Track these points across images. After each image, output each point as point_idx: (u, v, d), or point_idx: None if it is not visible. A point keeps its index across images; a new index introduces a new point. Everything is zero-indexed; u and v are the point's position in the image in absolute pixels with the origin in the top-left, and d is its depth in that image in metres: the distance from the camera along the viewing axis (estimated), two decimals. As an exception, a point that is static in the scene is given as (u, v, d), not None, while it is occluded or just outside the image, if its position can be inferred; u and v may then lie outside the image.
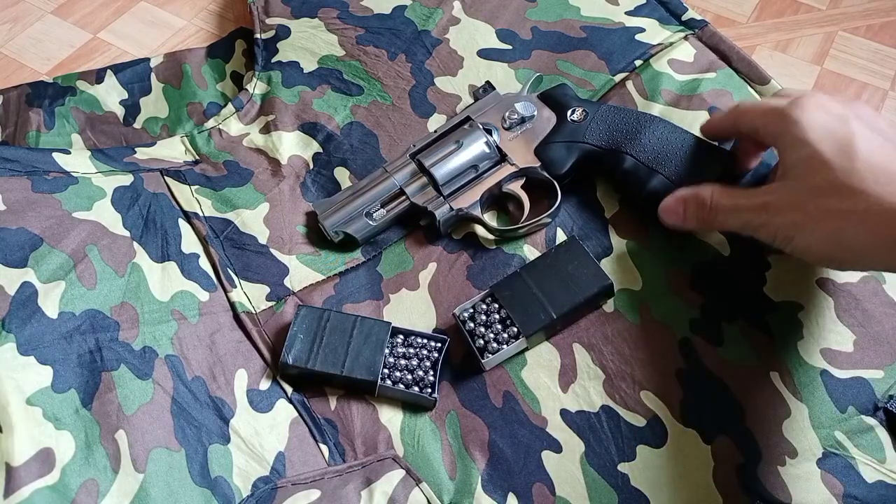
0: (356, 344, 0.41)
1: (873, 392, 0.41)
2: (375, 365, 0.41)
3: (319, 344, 0.41)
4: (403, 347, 0.42)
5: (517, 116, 0.51)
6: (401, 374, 0.42)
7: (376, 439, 0.43)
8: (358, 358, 0.40)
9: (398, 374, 0.42)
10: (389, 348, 0.42)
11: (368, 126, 0.57)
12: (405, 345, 0.42)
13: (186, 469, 0.39)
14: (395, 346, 0.42)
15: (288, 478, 0.41)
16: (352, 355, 0.40)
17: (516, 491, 0.41)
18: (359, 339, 0.41)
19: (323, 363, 0.42)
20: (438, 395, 0.40)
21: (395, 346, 0.42)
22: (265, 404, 0.44)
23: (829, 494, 0.38)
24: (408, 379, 0.42)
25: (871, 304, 0.43)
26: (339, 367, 0.41)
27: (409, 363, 0.42)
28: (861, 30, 0.64)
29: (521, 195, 0.50)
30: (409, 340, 0.43)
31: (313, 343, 0.41)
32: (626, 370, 0.44)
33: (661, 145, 0.47)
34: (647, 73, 0.55)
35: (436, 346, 0.43)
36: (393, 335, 0.42)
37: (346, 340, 0.41)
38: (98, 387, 0.39)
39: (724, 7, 0.67)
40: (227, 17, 0.70)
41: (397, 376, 0.42)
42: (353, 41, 0.61)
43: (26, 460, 0.35)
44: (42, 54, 0.68)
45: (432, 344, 0.43)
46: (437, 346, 0.43)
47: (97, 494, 0.36)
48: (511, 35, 0.60)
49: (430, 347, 0.43)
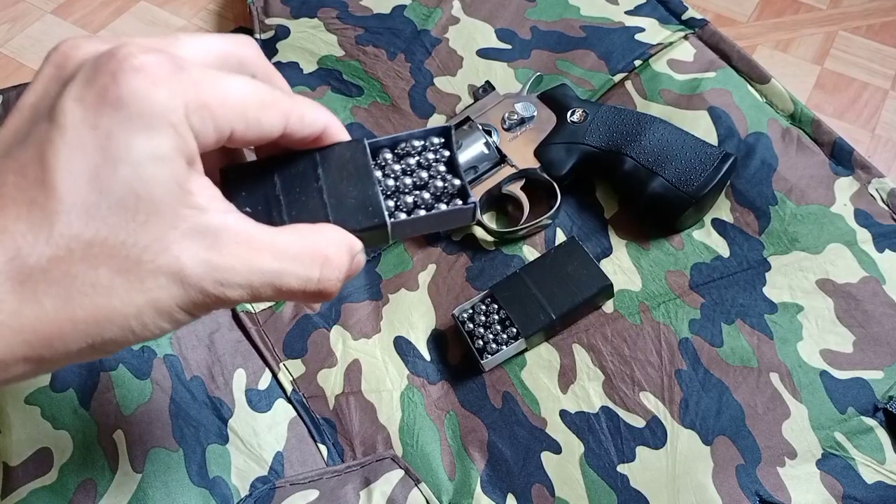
0: (331, 185, 0.25)
1: (873, 393, 0.41)
2: (371, 199, 0.26)
3: (278, 210, 0.24)
4: (398, 162, 0.28)
5: (517, 117, 0.51)
6: (413, 197, 0.27)
7: (375, 439, 0.43)
8: (342, 202, 0.25)
9: (410, 199, 0.27)
10: (380, 169, 0.27)
11: (368, 127, 0.57)
12: (399, 157, 0.28)
13: (184, 469, 0.39)
14: (385, 165, 0.27)
15: (286, 478, 0.41)
16: (332, 203, 0.25)
17: (515, 492, 0.41)
18: (332, 176, 0.26)
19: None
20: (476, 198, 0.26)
21: (386, 166, 0.27)
22: (264, 404, 0.44)
23: (829, 495, 0.38)
24: (425, 198, 0.27)
25: (871, 305, 0.43)
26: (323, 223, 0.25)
27: (417, 176, 0.28)
28: (861, 30, 0.64)
29: (521, 197, 0.50)
30: (402, 149, 0.28)
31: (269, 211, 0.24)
32: (626, 371, 0.44)
33: (660, 147, 0.47)
34: (646, 74, 0.55)
35: (440, 142, 0.28)
36: (375, 155, 0.27)
37: (315, 187, 0.25)
38: (96, 386, 0.39)
39: (724, 7, 0.67)
40: (226, 17, 0.70)
41: (409, 202, 0.27)
42: (352, 41, 0.61)
43: (24, 460, 0.35)
44: (42, 54, 0.67)
45: (434, 140, 0.28)
46: (441, 142, 0.28)
47: (95, 494, 0.36)
48: (510, 35, 0.60)
49: (435, 145, 0.28)
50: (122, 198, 0.19)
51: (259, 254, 0.21)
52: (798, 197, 0.48)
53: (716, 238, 0.48)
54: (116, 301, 0.19)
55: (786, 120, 0.51)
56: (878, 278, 0.44)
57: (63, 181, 0.19)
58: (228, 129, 0.21)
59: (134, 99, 0.19)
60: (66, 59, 0.21)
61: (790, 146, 0.50)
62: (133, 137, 0.19)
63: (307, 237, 0.23)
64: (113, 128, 0.19)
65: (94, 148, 0.19)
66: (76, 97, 0.19)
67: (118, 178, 0.19)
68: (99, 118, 0.19)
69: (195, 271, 0.20)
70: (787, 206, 0.47)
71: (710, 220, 0.48)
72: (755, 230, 0.47)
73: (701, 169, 0.46)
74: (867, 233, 0.46)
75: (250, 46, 0.24)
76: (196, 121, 0.20)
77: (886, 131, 0.57)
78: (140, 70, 0.19)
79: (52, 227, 0.19)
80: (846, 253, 0.45)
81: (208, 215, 0.20)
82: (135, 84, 0.19)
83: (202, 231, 0.20)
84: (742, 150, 0.50)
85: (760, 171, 0.49)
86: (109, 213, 0.19)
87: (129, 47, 0.19)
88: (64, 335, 0.19)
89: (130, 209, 0.19)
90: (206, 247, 0.20)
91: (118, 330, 0.20)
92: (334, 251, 0.23)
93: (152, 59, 0.19)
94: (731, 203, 0.49)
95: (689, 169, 0.46)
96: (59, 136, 0.19)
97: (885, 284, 0.44)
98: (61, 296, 0.19)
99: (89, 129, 0.19)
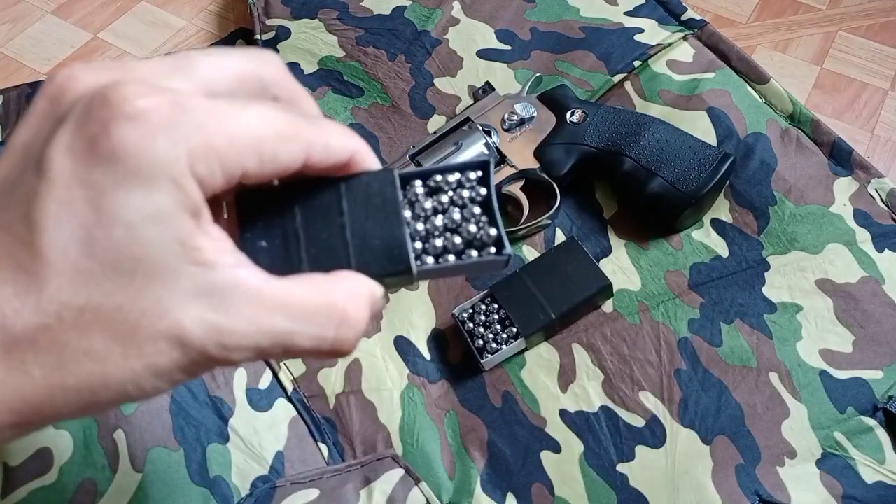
0: (355, 222, 0.23)
1: (872, 393, 0.41)
2: (398, 241, 0.23)
3: (296, 247, 0.22)
4: (429, 198, 0.24)
5: (517, 118, 0.51)
6: (443, 240, 0.24)
7: (375, 438, 0.43)
8: (366, 243, 0.23)
9: (439, 243, 0.24)
10: (410, 206, 0.24)
11: (369, 128, 0.57)
12: (430, 192, 0.25)
13: (185, 468, 0.39)
14: (416, 201, 0.24)
15: (287, 477, 0.41)
16: (356, 243, 0.23)
17: (515, 491, 0.41)
18: (357, 212, 0.23)
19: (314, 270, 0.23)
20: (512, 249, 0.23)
21: (416, 203, 0.24)
22: (264, 403, 0.44)
23: (829, 495, 0.38)
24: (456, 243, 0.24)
25: (871, 305, 0.43)
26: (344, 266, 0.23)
27: (449, 216, 0.24)
28: (861, 30, 0.64)
29: (521, 197, 0.50)
30: (434, 183, 0.25)
31: (287, 247, 0.22)
32: (625, 370, 0.44)
33: (660, 147, 0.47)
34: (645, 74, 0.55)
35: (477, 177, 0.25)
36: (404, 185, 0.24)
37: (338, 222, 0.23)
38: (97, 386, 0.39)
39: (723, 7, 0.67)
40: (227, 18, 0.70)
41: (438, 245, 0.24)
42: (352, 42, 0.61)
43: (24, 460, 0.35)
44: (42, 54, 0.68)
45: (471, 175, 0.25)
46: (478, 177, 0.25)
47: (95, 494, 0.36)
48: (510, 35, 0.60)
49: (471, 180, 0.25)
50: (118, 261, 0.17)
51: (270, 314, 0.19)
52: (797, 197, 0.48)
53: (715, 238, 0.48)
54: (111, 367, 0.18)
55: (785, 120, 0.52)
56: (877, 278, 0.44)
57: (51, 243, 0.17)
58: (240, 170, 0.18)
59: (128, 153, 0.17)
60: (62, 93, 0.19)
61: (789, 146, 0.50)
62: (128, 196, 0.17)
63: (325, 291, 0.20)
64: (106, 184, 0.17)
65: (86, 206, 0.17)
66: (66, 146, 0.17)
67: (113, 241, 0.17)
68: (90, 172, 0.17)
69: (198, 335, 0.18)
70: (786, 206, 0.47)
71: (709, 220, 0.49)
72: (754, 230, 0.47)
73: (700, 169, 0.46)
74: (866, 233, 0.46)
75: (273, 64, 0.21)
76: (202, 168, 0.18)
77: (886, 131, 0.57)
78: (135, 118, 0.17)
79: (40, 294, 0.17)
80: (845, 253, 0.45)
81: (215, 272, 0.18)
82: (129, 136, 0.17)
83: (208, 291, 0.18)
84: (741, 150, 0.50)
85: (759, 172, 0.49)
86: (104, 277, 0.17)
87: (125, 88, 0.17)
88: (54, 402, 0.18)
89: (127, 273, 0.17)
90: (211, 307, 0.18)
91: (113, 395, 0.18)
92: (353, 306, 0.21)
93: (150, 104, 0.17)
94: (731, 203, 0.49)
95: (688, 169, 0.46)
96: (46, 190, 0.17)
97: (885, 284, 0.44)
98: (51, 364, 0.17)
99: (80, 184, 0.17)
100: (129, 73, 0.19)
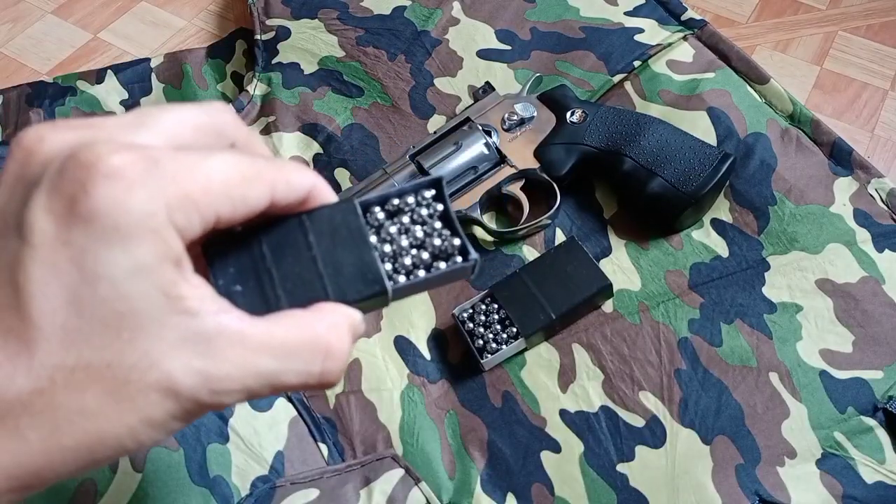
0: (325, 253, 0.24)
1: (872, 393, 0.41)
2: (369, 265, 0.25)
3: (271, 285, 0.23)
4: (390, 221, 0.26)
5: (517, 118, 0.52)
6: (411, 257, 0.26)
7: (375, 438, 0.43)
8: (339, 271, 0.24)
9: (408, 261, 0.26)
10: (374, 231, 0.26)
11: (369, 128, 0.57)
12: (390, 216, 0.26)
13: (185, 468, 0.39)
14: (379, 226, 0.26)
15: (287, 477, 0.41)
16: (329, 273, 0.24)
17: (515, 491, 0.41)
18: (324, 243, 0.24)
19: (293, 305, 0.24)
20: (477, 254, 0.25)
21: (380, 228, 0.26)
22: (265, 403, 0.44)
23: (829, 495, 0.38)
24: (424, 258, 0.26)
25: (871, 305, 0.43)
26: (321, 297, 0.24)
27: (412, 234, 0.26)
28: (861, 30, 0.64)
29: (521, 197, 0.50)
30: (393, 207, 0.26)
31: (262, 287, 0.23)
32: (625, 370, 0.44)
33: (660, 147, 0.47)
34: (645, 74, 0.55)
35: (432, 195, 0.27)
36: (366, 212, 0.26)
37: (308, 255, 0.24)
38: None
39: (723, 7, 0.67)
40: (227, 18, 0.70)
41: (407, 263, 0.26)
42: (352, 42, 0.61)
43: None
44: (42, 54, 0.68)
45: (426, 194, 0.27)
46: (433, 194, 0.27)
47: (95, 494, 0.36)
48: (510, 35, 0.60)
49: (427, 199, 0.27)
50: (105, 318, 0.17)
51: (256, 355, 0.19)
52: (797, 197, 0.48)
53: (715, 238, 0.48)
54: (106, 424, 0.18)
55: (785, 120, 0.52)
56: (877, 278, 0.44)
57: (39, 307, 0.17)
58: (214, 216, 0.19)
59: (108, 210, 0.17)
60: (31, 155, 0.19)
61: (789, 146, 0.50)
62: (110, 253, 0.17)
63: (307, 327, 0.21)
64: (88, 244, 0.17)
65: (70, 266, 0.17)
66: (45, 209, 0.17)
67: (98, 298, 0.17)
68: (71, 233, 0.17)
69: (188, 383, 0.18)
70: (786, 206, 0.47)
71: (709, 220, 0.49)
72: (754, 230, 0.47)
73: (700, 169, 0.46)
74: (866, 233, 0.46)
75: (226, 112, 0.22)
76: (180, 218, 0.18)
77: (886, 131, 0.57)
78: (112, 176, 0.17)
79: (31, 358, 0.17)
80: (845, 253, 0.45)
81: (199, 319, 0.18)
82: (108, 193, 0.17)
83: (193, 338, 0.18)
84: (741, 150, 0.50)
85: (759, 172, 0.49)
86: (92, 335, 0.17)
87: (98, 147, 0.17)
88: (52, 464, 0.18)
89: (114, 328, 0.17)
90: (198, 354, 0.18)
91: (110, 450, 0.18)
92: (335, 338, 0.21)
93: (124, 160, 0.17)
94: (731, 203, 0.49)
95: (688, 169, 0.46)
96: (29, 255, 0.17)
97: (885, 284, 0.44)
98: (46, 427, 0.17)
99: (62, 245, 0.17)
100: (96, 131, 0.19)
